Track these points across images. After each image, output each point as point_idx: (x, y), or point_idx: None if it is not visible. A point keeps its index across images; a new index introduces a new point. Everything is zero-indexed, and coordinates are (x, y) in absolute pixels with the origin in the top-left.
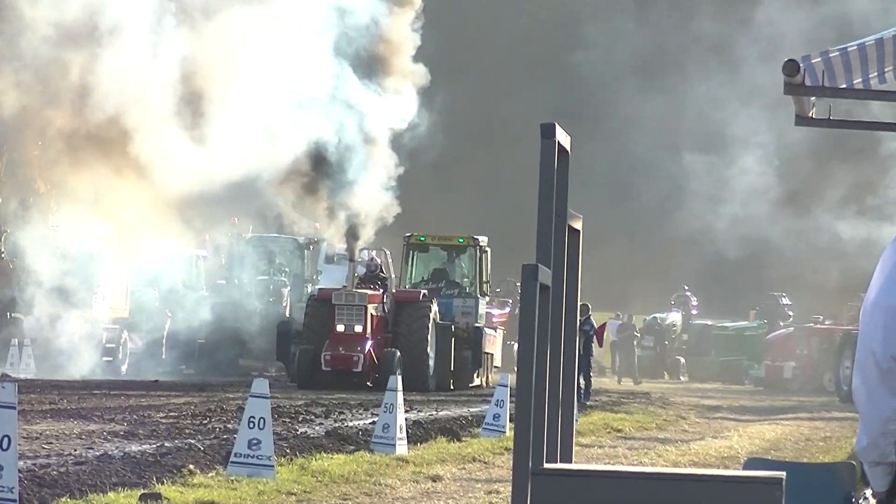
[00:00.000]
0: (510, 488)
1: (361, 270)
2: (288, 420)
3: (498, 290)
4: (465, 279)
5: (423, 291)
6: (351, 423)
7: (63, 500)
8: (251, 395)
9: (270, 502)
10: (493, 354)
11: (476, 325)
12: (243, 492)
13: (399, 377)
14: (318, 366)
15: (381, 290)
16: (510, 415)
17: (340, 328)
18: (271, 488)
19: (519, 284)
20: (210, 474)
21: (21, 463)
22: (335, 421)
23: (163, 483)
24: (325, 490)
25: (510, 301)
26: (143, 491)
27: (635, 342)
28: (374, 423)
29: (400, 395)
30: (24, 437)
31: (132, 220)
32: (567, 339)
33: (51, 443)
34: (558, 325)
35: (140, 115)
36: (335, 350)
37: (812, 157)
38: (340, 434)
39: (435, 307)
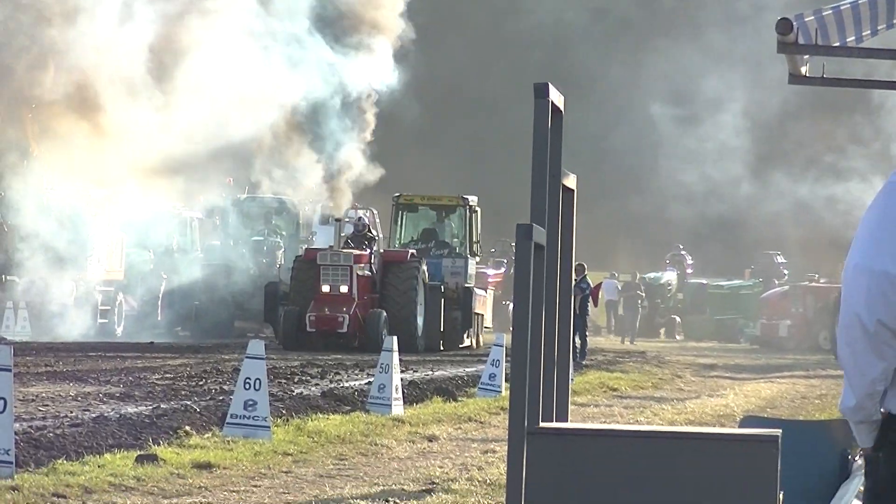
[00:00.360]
0: (506, 447)
1: (350, 230)
2: (284, 381)
3: (493, 250)
4: (455, 239)
5: (411, 251)
6: (346, 384)
7: (59, 461)
8: (247, 357)
9: (267, 463)
10: (483, 315)
11: (466, 285)
12: (239, 452)
13: (394, 339)
14: (304, 326)
15: (369, 250)
16: (506, 374)
17: (326, 289)
18: (267, 449)
19: (514, 244)
20: (206, 435)
21: (17, 425)
22: (331, 382)
23: (159, 444)
24: (322, 450)
25: (505, 261)
26: (139, 452)
27: (640, 301)
28: (369, 383)
29: (395, 356)
30: (20, 400)
31: (125, 183)
32: (562, 298)
33: (47, 405)
34: (553, 285)
35: (118, 81)
36: (320, 311)
37: (797, 115)
38: (336, 395)
39: (424, 267)
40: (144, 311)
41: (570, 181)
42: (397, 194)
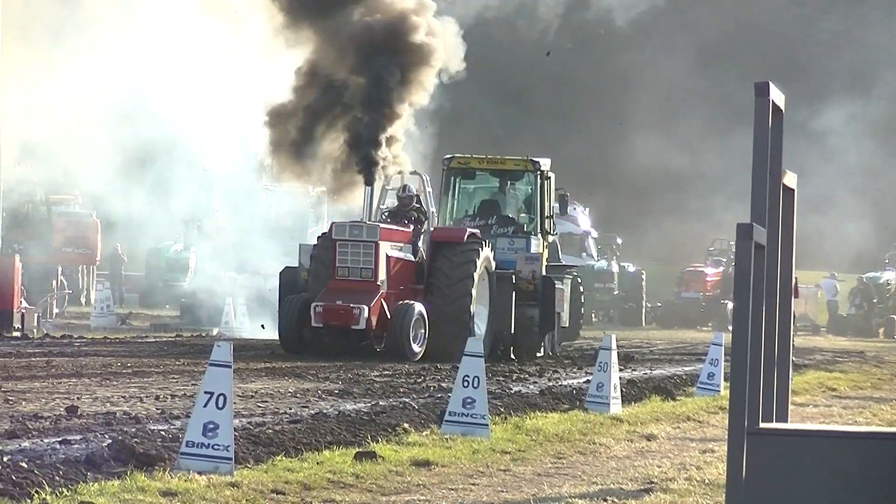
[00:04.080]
0: (725, 447)
1: (395, 203)
2: (502, 379)
3: (711, 248)
4: (523, 214)
5: (469, 230)
6: (565, 382)
7: (278, 458)
8: (465, 355)
9: (485, 461)
10: (560, 314)
11: (546, 274)
12: (458, 450)
13: (612, 337)
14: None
15: (413, 227)
16: (725, 374)
17: (342, 273)
18: (485, 447)
19: (732, 243)
20: (424, 433)
21: (236, 421)
22: (549, 380)
23: (377, 441)
24: (540, 449)
25: (724, 260)
26: (357, 449)
27: None
28: (588, 381)
29: (614, 354)
30: (240, 396)
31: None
32: (782, 298)
33: (266, 401)
34: (773, 284)
35: None
36: (330, 301)
37: None
38: (554, 393)
39: (487, 251)
40: None
41: (791, 180)
42: (449, 156)
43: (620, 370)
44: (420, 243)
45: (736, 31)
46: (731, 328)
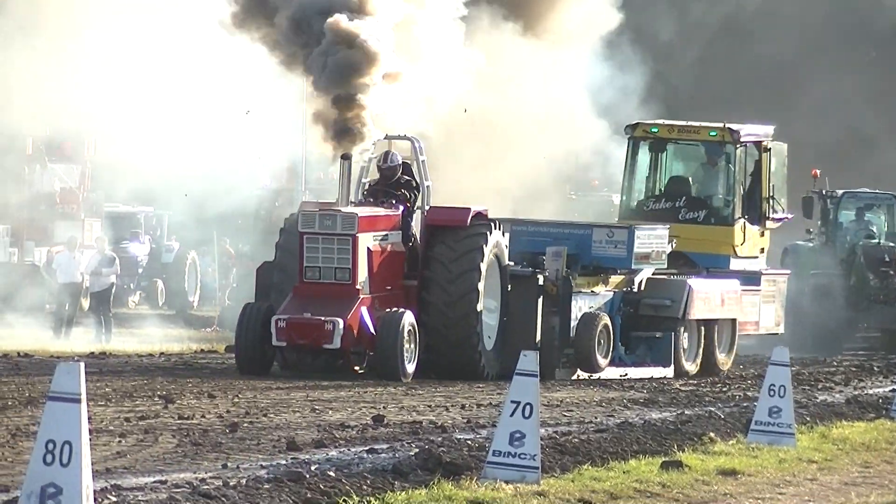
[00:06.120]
0: None
1: (380, 176)
2: (807, 387)
3: None
4: (719, 196)
5: (473, 210)
6: (871, 391)
7: (584, 467)
8: (770, 363)
9: (791, 470)
10: (735, 321)
11: (567, 273)
12: (764, 460)
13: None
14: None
15: (402, 207)
16: None
17: (311, 274)
18: (792, 456)
19: None
20: (730, 442)
21: (543, 430)
22: (855, 388)
23: (683, 451)
24: (846, 458)
25: None
26: (664, 458)
27: None
28: (894, 390)
29: None
30: (545, 405)
31: None
32: None
33: (571, 410)
34: None
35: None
36: (296, 312)
37: None
38: (860, 401)
39: (497, 236)
40: None
41: None
42: (633, 123)
43: None
44: (413, 225)
45: None
46: None
